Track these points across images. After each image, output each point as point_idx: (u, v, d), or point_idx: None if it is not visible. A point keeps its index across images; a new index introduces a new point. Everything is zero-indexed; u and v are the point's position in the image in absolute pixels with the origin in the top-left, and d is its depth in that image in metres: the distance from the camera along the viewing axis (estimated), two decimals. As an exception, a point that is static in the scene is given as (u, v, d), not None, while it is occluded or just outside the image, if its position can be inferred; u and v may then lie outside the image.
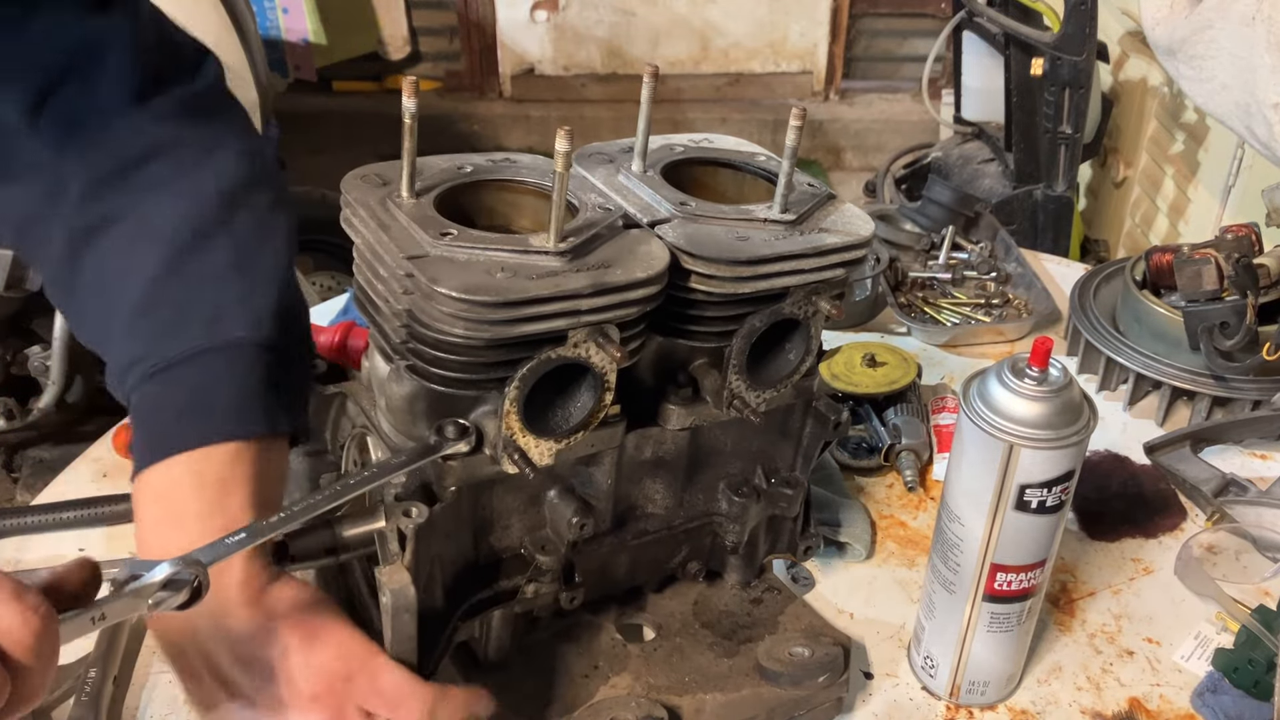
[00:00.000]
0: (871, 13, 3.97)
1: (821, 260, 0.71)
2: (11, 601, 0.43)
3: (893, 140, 3.63)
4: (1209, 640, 0.92)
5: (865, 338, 1.30)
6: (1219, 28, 1.19)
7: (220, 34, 2.18)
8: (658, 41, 3.95)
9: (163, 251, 0.66)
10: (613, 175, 0.76)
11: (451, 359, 0.63)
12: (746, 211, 0.72)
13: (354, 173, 0.70)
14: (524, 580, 0.74)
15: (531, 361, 0.63)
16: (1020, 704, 0.87)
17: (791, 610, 0.87)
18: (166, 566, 0.50)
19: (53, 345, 1.98)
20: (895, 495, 1.08)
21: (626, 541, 0.78)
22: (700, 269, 0.68)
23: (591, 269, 0.64)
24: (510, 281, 0.61)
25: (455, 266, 0.62)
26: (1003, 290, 1.43)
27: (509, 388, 0.63)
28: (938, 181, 1.61)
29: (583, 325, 0.63)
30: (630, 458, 0.75)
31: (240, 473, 0.62)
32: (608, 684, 0.78)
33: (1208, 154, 2.28)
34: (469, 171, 0.72)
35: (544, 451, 0.66)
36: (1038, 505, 0.74)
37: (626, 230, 0.69)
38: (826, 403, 0.80)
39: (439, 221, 0.65)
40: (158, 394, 0.64)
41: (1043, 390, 0.72)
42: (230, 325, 0.64)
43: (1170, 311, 1.18)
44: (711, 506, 0.82)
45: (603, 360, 0.65)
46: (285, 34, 3.59)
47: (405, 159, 0.66)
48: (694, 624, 0.84)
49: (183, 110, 0.71)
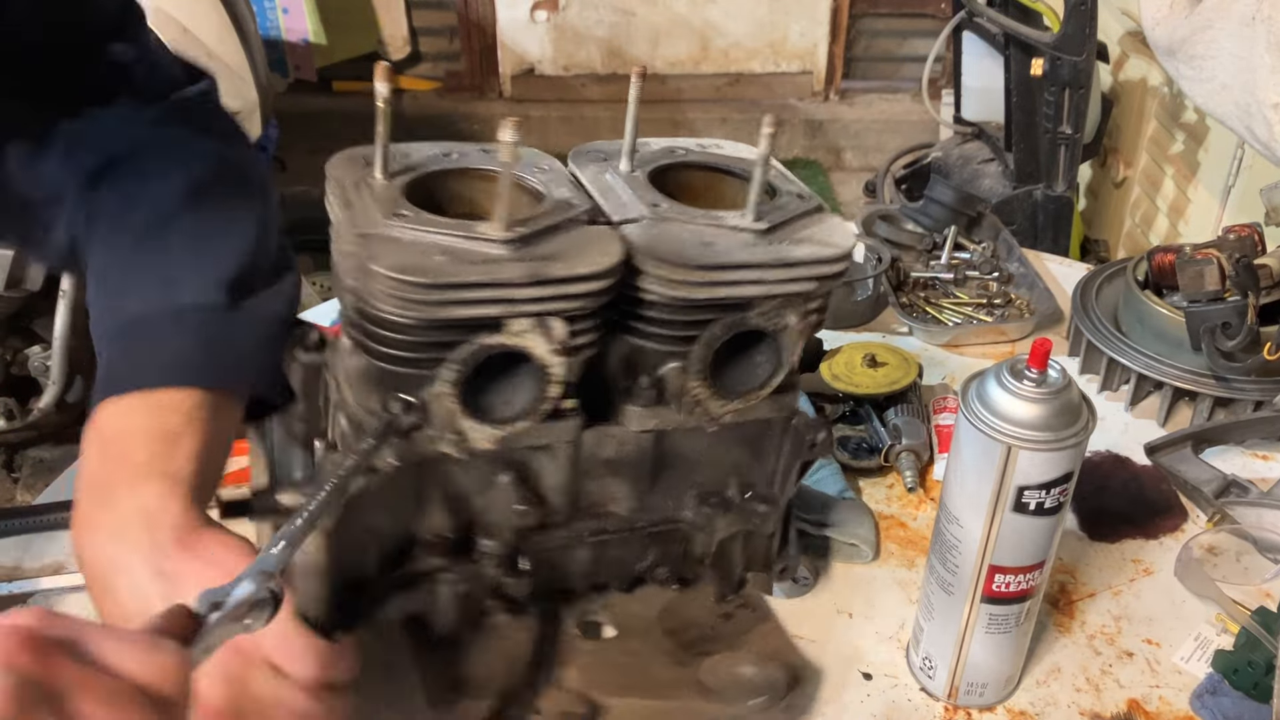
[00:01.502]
0: (871, 13, 3.97)
1: (787, 273, 0.69)
2: (156, 650, 0.47)
3: (893, 140, 3.63)
4: (1209, 642, 0.92)
5: (866, 338, 1.30)
6: (1219, 28, 1.19)
7: (220, 34, 2.18)
8: (658, 41, 3.95)
9: (128, 239, 0.72)
10: (600, 173, 0.76)
11: (391, 336, 0.64)
12: (717, 218, 0.71)
13: (341, 153, 0.72)
14: (465, 560, 0.74)
15: (468, 345, 0.63)
16: (1019, 705, 0.87)
17: (760, 630, 0.86)
18: (246, 586, 0.53)
19: (53, 345, 1.98)
20: (895, 496, 1.08)
21: (583, 537, 0.78)
22: (655, 270, 0.67)
23: (534, 260, 0.64)
24: (445, 264, 0.62)
25: (397, 246, 0.63)
26: (1005, 290, 1.43)
27: (444, 369, 0.64)
28: (940, 181, 1.61)
29: (520, 315, 0.63)
30: (590, 454, 0.75)
31: (189, 428, 0.65)
32: (550, 675, 0.79)
33: (1208, 154, 2.28)
34: (454, 159, 0.73)
35: (483, 436, 0.67)
36: (1036, 507, 0.74)
37: (589, 226, 0.69)
38: (805, 420, 0.78)
39: (398, 202, 0.66)
40: (115, 348, 0.69)
41: (1041, 392, 0.72)
42: (182, 290, 0.69)
43: (1172, 312, 1.18)
44: (678, 513, 0.80)
45: (544, 352, 0.65)
46: (285, 34, 3.59)
47: (379, 142, 0.68)
48: (656, 630, 0.84)
49: (171, 114, 0.78)
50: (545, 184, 0.72)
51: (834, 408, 1.16)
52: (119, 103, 0.76)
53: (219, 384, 0.68)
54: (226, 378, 0.69)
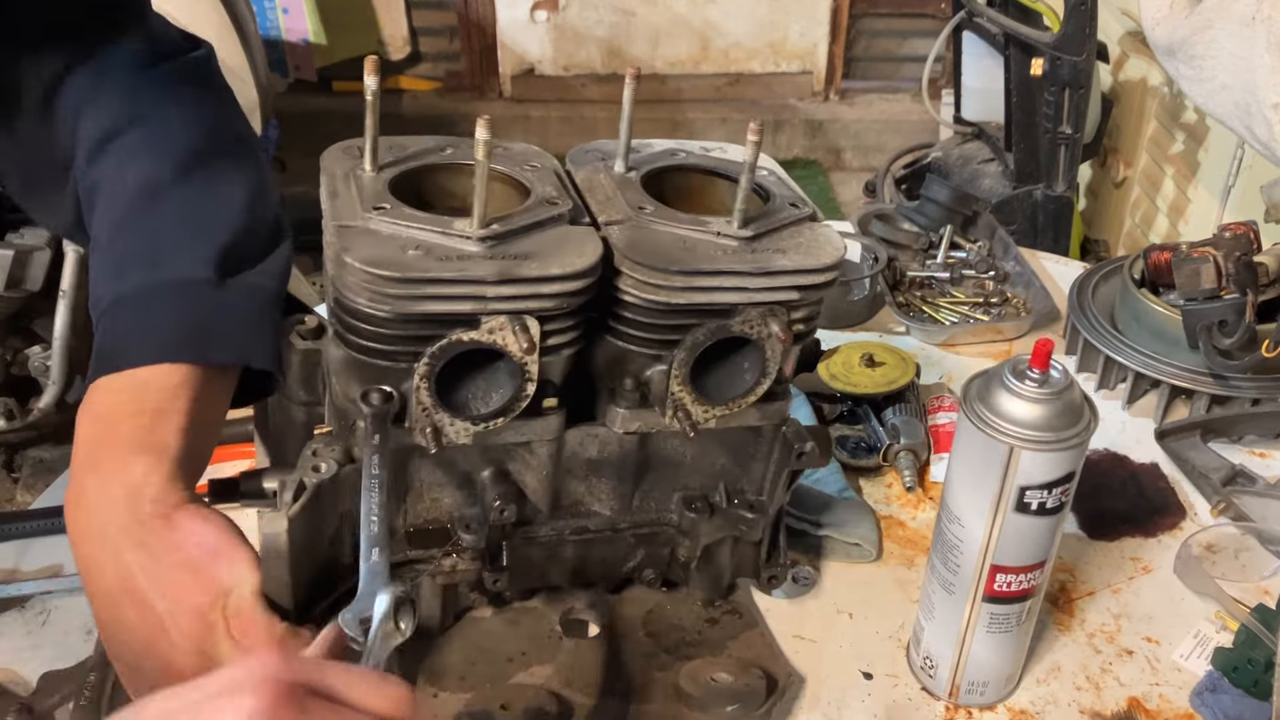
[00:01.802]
0: (871, 13, 3.97)
1: (769, 281, 0.69)
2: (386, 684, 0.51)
3: (893, 140, 3.63)
4: (1208, 639, 0.92)
5: (863, 337, 1.30)
6: (1219, 28, 1.19)
7: (220, 34, 2.18)
8: (658, 41, 3.95)
9: (119, 212, 0.73)
10: (594, 174, 0.76)
11: (365, 329, 0.65)
12: (702, 223, 0.71)
13: (337, 144, 0.73)
14: (444, 554, 0.74)
15: (441, 340, 0.64)
16: (1019, 704, 0.87)
17: (746, 637, 0.85)
18: (384, 598, 0.56)
19: (53, 345, 1.98)
20: (894, 495, 1.08)
21: (565, 535, 0.78)
22: (633, 273, 0.67)
23: (507, 258, 0.64)
24: (417, 259, 0.62)
25: (373, 239, 0.64)
26: (1001, 289, 1.43)
27: (419, 363, 0.64)
28: (936, 180, 1.61)
29: (493, 312, 0.64)
30: (572, 453, 0.75)
31: (174, 405, 0.66)
32: (527, 670, 0.79)
33: (1208, 154, 2.28)
34: (449, 154, 0.73)
35: (459, 431, 0.67)
36: (1038, 507, 0.74)
37: (570, 226, 0.69)
38: (796, 429, 0.78)
39: (380, 195, 0.67)
40: (106, 327, 0.70)
41: (1043, 392, 0.72)
42: (170, 266, 0.70)
43: (1169, 310, 1.18)
44: (663, 516, 0.80)
45: (518, 350, 0.65)
46: (285, 34, 3.59)
47: (368, 134, 0.68)
48: (639, 631, 0.84)
49: (177, 75, 0.79)
50: (531, 181, 0.72)
51: (832, 407, 1.17)
52: (128, 43, 0.77)
53: (206, 360, 0.68)
54: (214, 354, 0.69)
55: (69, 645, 0.87)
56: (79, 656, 0.85)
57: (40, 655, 0.86)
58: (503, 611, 0.82)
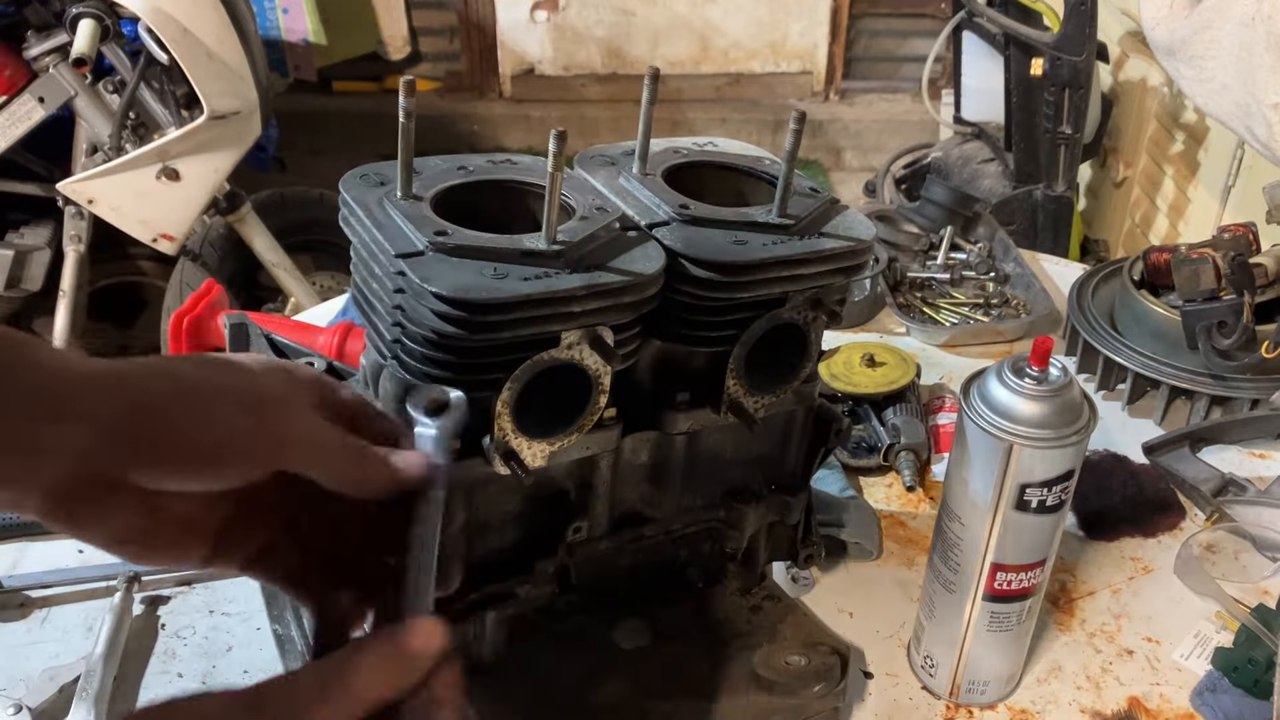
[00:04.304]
0: (871, 13, 3.97)
1: (821, 266, 0.70)
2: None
3: (893, 140, 3.63)
4: (1208, 639, 0.92)
5: (864, 338, 1.30)
6: (1219, 28, 1.19)
7: (220, 34, 2.18)
8: (658, 41, 3.95)
9: None
10: (614, 178, 0.76)
11: (442, 359, 0.62)
12: (746, 215, 0.71)
13: (352, 172, 0.70)
14: (517, 583, 0.73)
15: (524, 363, 0.62)
16: (1020, 703, 0.87)
17: (792, 619, 0.86)
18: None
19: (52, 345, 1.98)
20: (895, 495, 1.08)
21: (624, 545, 0.78)
22: (697, 272, 0.67)
23: (585, 270, 0.63)
24: (502, 282, 0.60)
25: (447, 266, 0.61)
26: (1001, 290, 1.43)
27: (503, 390, 0.62)
28: (936, 181, 1.61)
29: (576, 327, 0.63)
30: (627, 461, 0.74)
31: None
32: (601, 689, 0.78)
33: (1208, 154, 2.28)
34: (468, 171, 0.72)
35: (536, 453, 0.66)
36: (1038, 505, 0.74)
37: (623, 233, 0.68)
38: (827, 409, 0.79)
39: (433, 221, 0.65)
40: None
41: (1043, 390, 0.72)
42: None
43: (1168, 311, 1.18)
44: (710, 512, 0.81)
45: (596, 363, 0.64)
46: (285, 34, 3.59)
47: (401, 158, 0.66)
48: (691, 630, 0.83)
49: None
50: (569, 192, 0.70)
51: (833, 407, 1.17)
52: None
53: None
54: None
55: (69, 645, 0.87)
56: (81, 652, 0.85)
57: (40, 654, 0.86)
58: (552, 634, 0.80)
